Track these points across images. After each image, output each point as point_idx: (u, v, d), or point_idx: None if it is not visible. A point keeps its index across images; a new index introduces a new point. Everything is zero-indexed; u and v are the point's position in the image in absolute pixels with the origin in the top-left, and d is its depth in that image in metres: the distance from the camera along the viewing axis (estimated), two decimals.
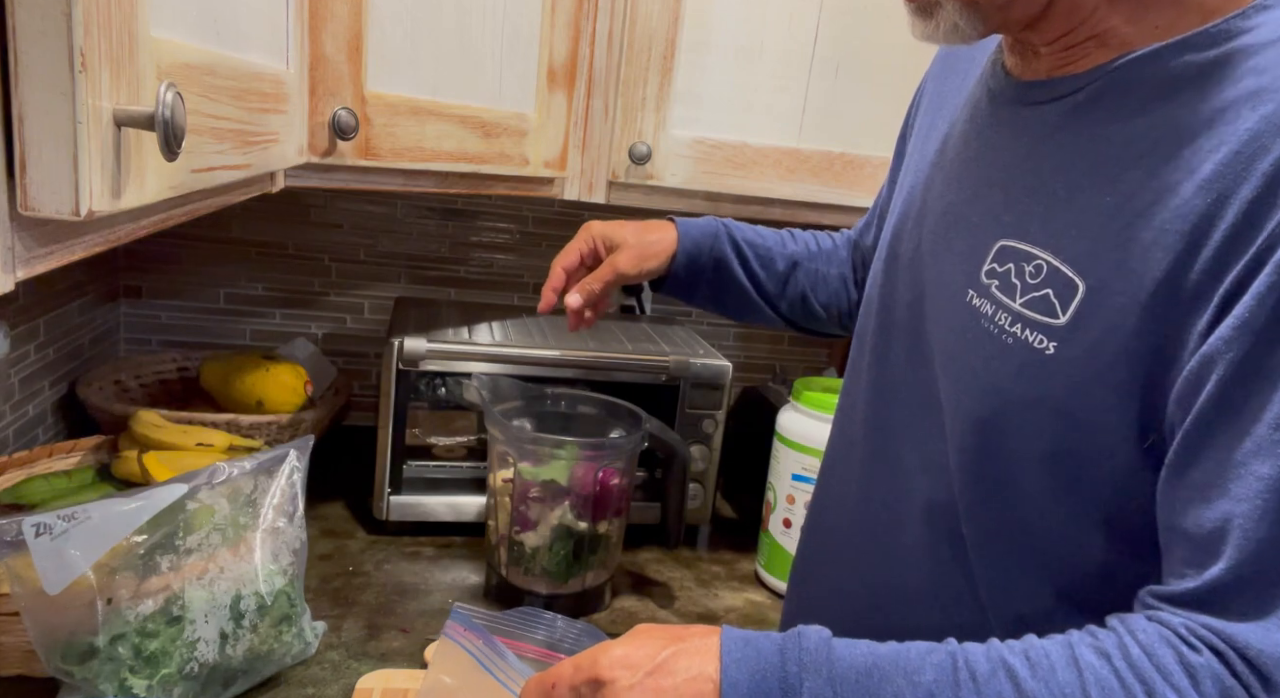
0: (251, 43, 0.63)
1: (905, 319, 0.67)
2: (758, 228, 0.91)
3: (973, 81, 0.68)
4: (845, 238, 0.94)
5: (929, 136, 0.72)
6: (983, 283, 0.58)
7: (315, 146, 0.81)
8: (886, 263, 0.72)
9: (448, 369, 1.11)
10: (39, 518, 0.66)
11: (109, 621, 0.69)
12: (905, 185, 0.73)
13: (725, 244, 0.88)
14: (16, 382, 1.10)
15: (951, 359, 0.60)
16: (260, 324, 1.44)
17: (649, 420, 1.01)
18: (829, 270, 0.91)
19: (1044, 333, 0.53)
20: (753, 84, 1.13)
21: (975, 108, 0.65)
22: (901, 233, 0.70)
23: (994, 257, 0.57)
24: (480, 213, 1.47)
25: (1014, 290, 0.55)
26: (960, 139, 0.65)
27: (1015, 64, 0.61)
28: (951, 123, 0.68)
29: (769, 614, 1.06)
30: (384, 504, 1.11)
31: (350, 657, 0.88)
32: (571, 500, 0.96)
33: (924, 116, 0.76)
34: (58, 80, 0.36)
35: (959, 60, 0.74)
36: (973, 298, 0.58)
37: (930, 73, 0.79)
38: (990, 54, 0.67)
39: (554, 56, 1.05)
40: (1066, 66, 0.57)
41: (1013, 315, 0.55)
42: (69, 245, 0.43)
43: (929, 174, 0.69)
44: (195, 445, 1.06)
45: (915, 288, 0.66)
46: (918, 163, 0.72)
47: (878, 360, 0.70)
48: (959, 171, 0.64)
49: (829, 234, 0.94)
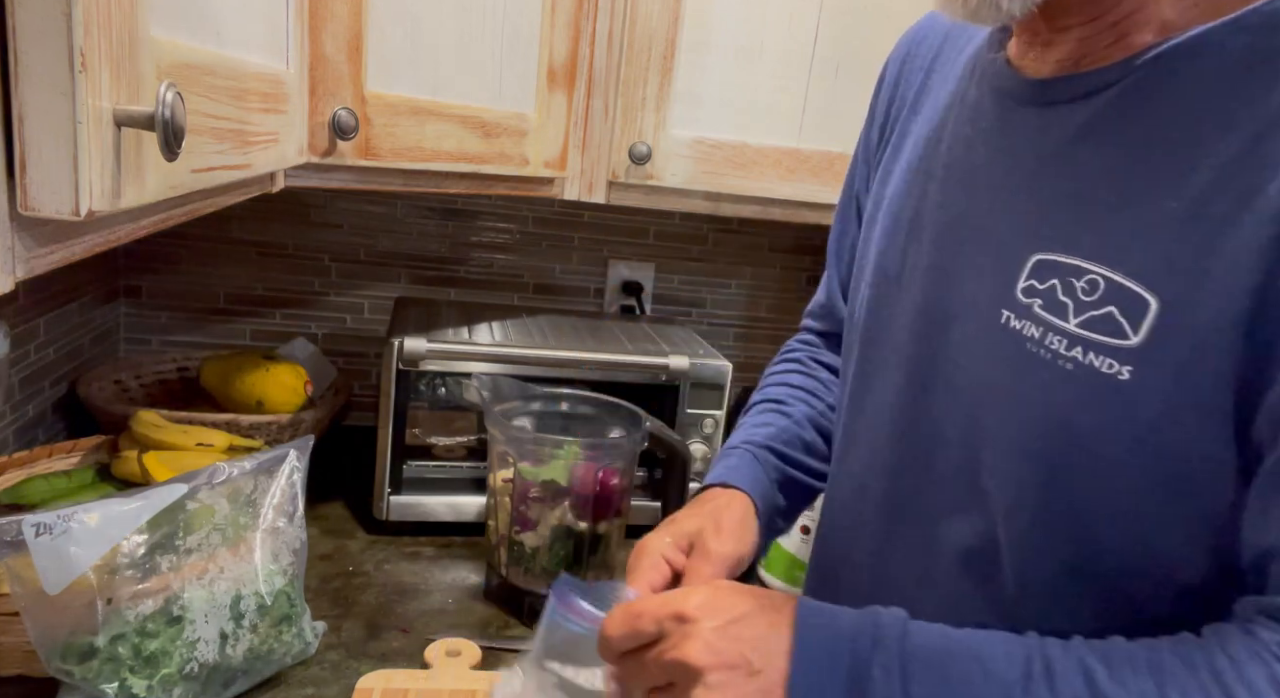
0: (251, 43, 0.63)
1: (909, 343, 0.62)
2: (780, 445, 0.77)
3: (956, 81, 0.64)
4: (812, 340, 0.86)
5: (901, 143, 0.68)
6: (1020, 302, 0.52)
7: (315, 147, 0.81)
8: (876, 282, 0.66)
9: (448, 369, 1.11)
10: (39, 518, 0.66)
11: (109, 621, 0.69)
12: (884, 196, 0.68)
13: (778, 493, 0.75)
14: (16, 382, 1.10)
15: (990, 389, 0.54)
16: (260, 324, 1.44)
17: (649, 420, 1.01)
18: None
19: (1113, 356, 0.48)
20: (753, 84, 1.13)
21: (975, 109, 0.60)
22: (890, 248, 0.65)
23: (1030, 272, 0.52)
24: (480, 213, 1.47)
25: (1064, 310, 0.50)
26: (960, 144, 0.60)
27: (1024, 58, 0.57)
28: (935, 126, 0.64)
29: None
30: (384, 504, 1.11)
31: (350, 657, 0.88)
32: (571, 500, 0.96)
33: (891, 124, 0.71)
34: (58, 80, 0.36)
35: (919, 58, 0.70)
36: (1009, 319, 0.53)
37: (888, 75, 0.74)
38: (974, 50, 0.63)
39: (554, 56, 1.05)
40: (1087, 59, 0.52)
41: (1069, 338, 0.49)
42: (69, 245, 0.43)
43: (915, 183, 0.64)
44: (195, 445, 1.06)
45: (920, 309, 0.61)
46: (899, 171, 0.67)
47: (880, 391, 0.65)
48: (963, 180, 0.59)
49: (805, 363, 0.85)
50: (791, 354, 0.87)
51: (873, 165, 0.73)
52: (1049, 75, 0.55)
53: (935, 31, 0.69)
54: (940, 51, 0.68)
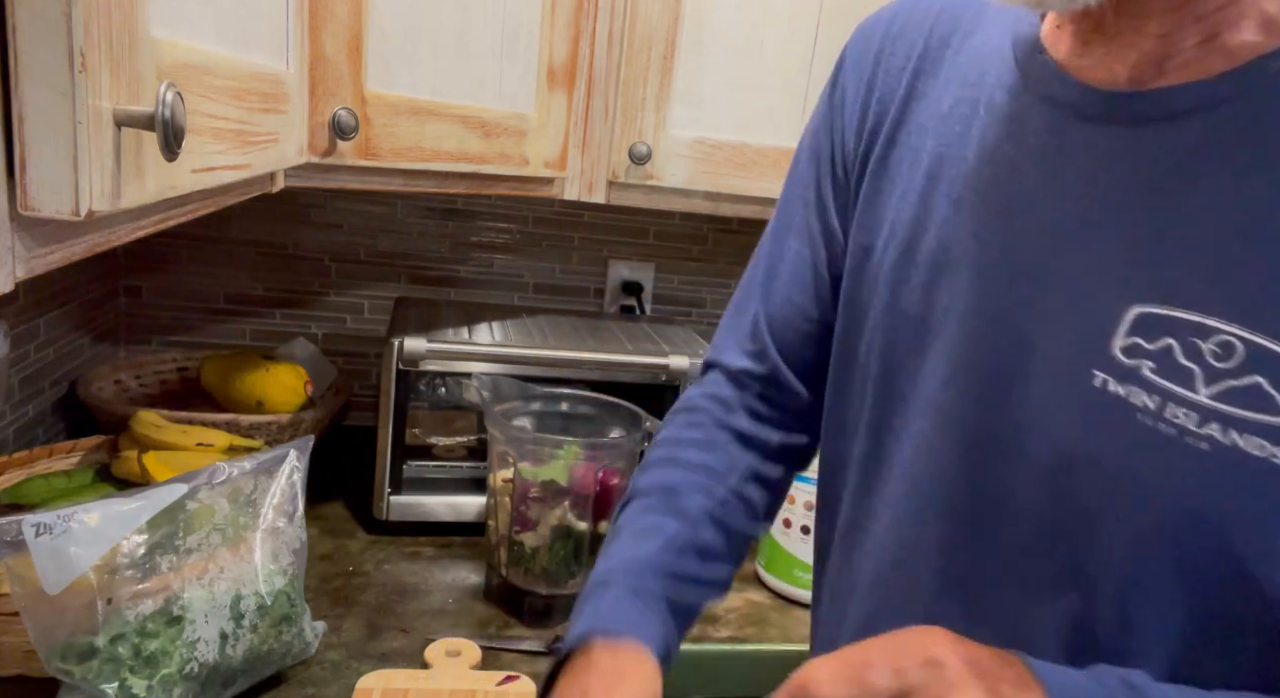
0: (251, 43, 0.63)
1: (952, 401, 0.52)
2: (672, 562, 0.61)
3: (965, 85, 0.54)
4: (721, 393, 0.69)
5: (891, 157, 0.58)
6: (1121, 363, 0.44)
7: (315, 146, 0.81)
8: (892, 325, 0.56)
9: (448, 369, 1.11)
10: (39, 518, 0.66)
11: (109, 621, 0.69)
12: (882, 220, 0.58)
13: (676, 636, 0.61)
14: (16, 382, 1.10)
15: (1089, 464, 0.46)
16: (260, 324, 1.44)
17: (649, 420, 1.01)
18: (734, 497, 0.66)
19: (1266, 436, 0.40)
20: (753, 84, 1.13)
21: (1014, 122, 0.50)
22: (906, 285, 0.55)
23: (1131, 328, 0.44)
24: (480, 213, 1.47)
25: (1189, 377, 0.42)
26: (997, 165, 0.51)
27: (1082, 59, 0.48)
28: (950, 140, 0.54)
29: (769, 614, 1.06)
30: (384, 504, 1.11)
31: (350, 657, 0.88)
32: (571, 500, 0.96)
33: (868, 135, 0.60)
34: (58, 80, 0.36)
35: (896, 57, 0.59)
36: (1107, 383, 0.45)
37: (850, 76, 0.63)
38: (989, 48, 0.54)
39: (554, 56, 1.05)
40: (1173, 62, 0.44)
41: (1200, 412, 0.41)
42: (69, 245, 0.43)
43: (934, 207, 0.54)
44: (195, 445, 1.06)
45: (963, 361, 0.52)
46: (899, 192, 0.57)
47: (914, 454, 0.54)
48: (1005, 206, 0.50)
49: (707, 430, 0.68)
50: (686, 417, 0.69)
51: (851, 177, 0.62)
52: (1126, 84, 0.46)
53: (912, 27, 0.60)
54: (926, 50, 0.58)
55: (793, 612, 1.07)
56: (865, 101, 0.61)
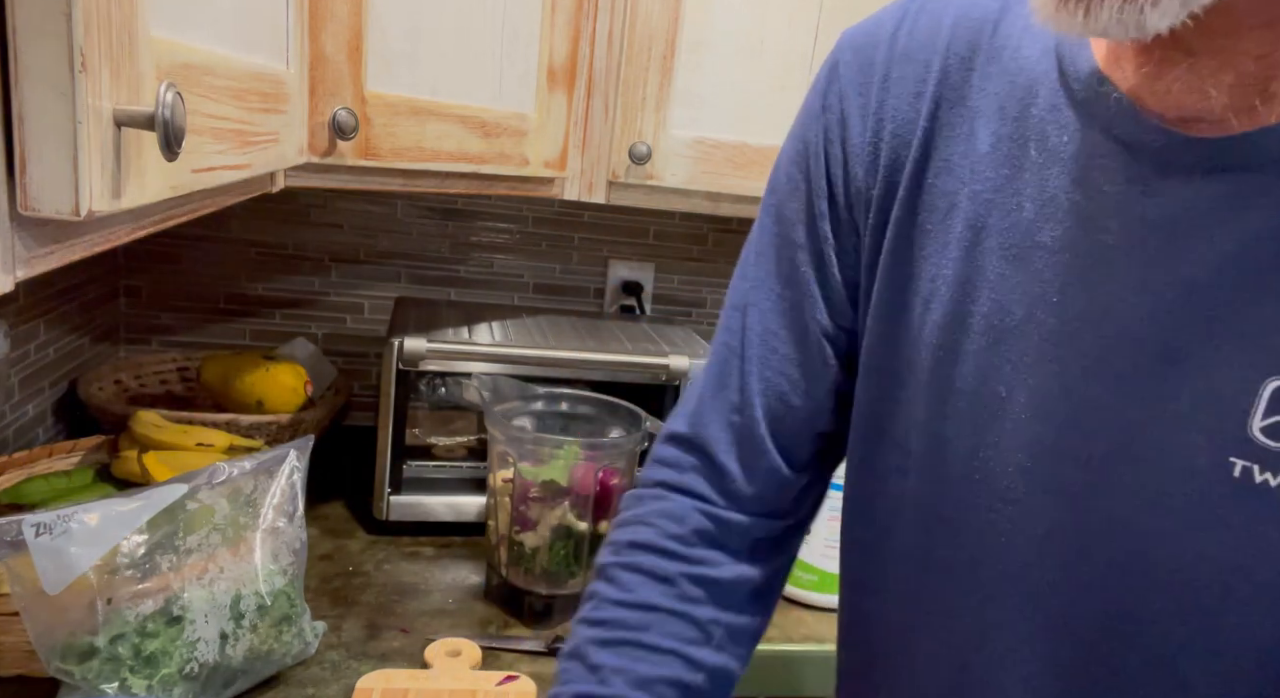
0: (251, 43, 0.63)
1: (1043, 500, 0.44)
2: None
3: (1005, 120, 0.46)
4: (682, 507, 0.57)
5: (920, 201, 0.49)
6: (1266, 448, 0.38)
7: (315, 146, 0.81)
8: (935, 395, 0.48)
9: (448, 369, 1.11)
10: (39, 518, 0.66)
11: (109, 621, 0.69)
12: (915, 275, 0.49)
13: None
14: (16, 382, 1.10)
15: (1230, 570, 0.39)
16: (260, 324, 1.44)
17: (649, 420, 1.01)
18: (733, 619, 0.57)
19: None
20: (753, 84, 1.13)
21: (1082, 167, 0.43)
22: (952, 351, 0.47)
23: (1271, 404, 0.38)
24: (480, 213, 1.47)
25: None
26: (1067, 217, 0.43)
27: (1151, 89, 0.41)
28: (996, 185, 0.46)
29: None
30: (384, 504, 1.11)
31: (350, 657, 0.88)
32: (571, 500, 0.96)
33: (883, 171, 0.51)
34: (58, 80, 0.36)
35: (906, 81, 0.50)
36: (1250, 472, 0.38)
37: (851, 104, 0.53)
38: (1029, 76, 0.46)
39: (554, 56, 1.05)
40: (1275, 95, 0.37)
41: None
42: (69, 245, 0.43)
43: (975, 266, 0.46)
44: (195, 445, 1.06)
45: (1051, 449, 0.44)
46: (936, 244, 0.48)
47: (992, 562, 0.47)
48: (1084, 268, 0.42)
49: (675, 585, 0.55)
50: (651, 561, 0.56)
51: (859, 218, 0.53)
52: (1221, 120, 0.39)
53: (920, 44, 0.51)
54: (945, 74, 0.49)
55: (793, 612, 1.07)
56: (877, 131, 0.51)
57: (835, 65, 0.55)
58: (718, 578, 0.56)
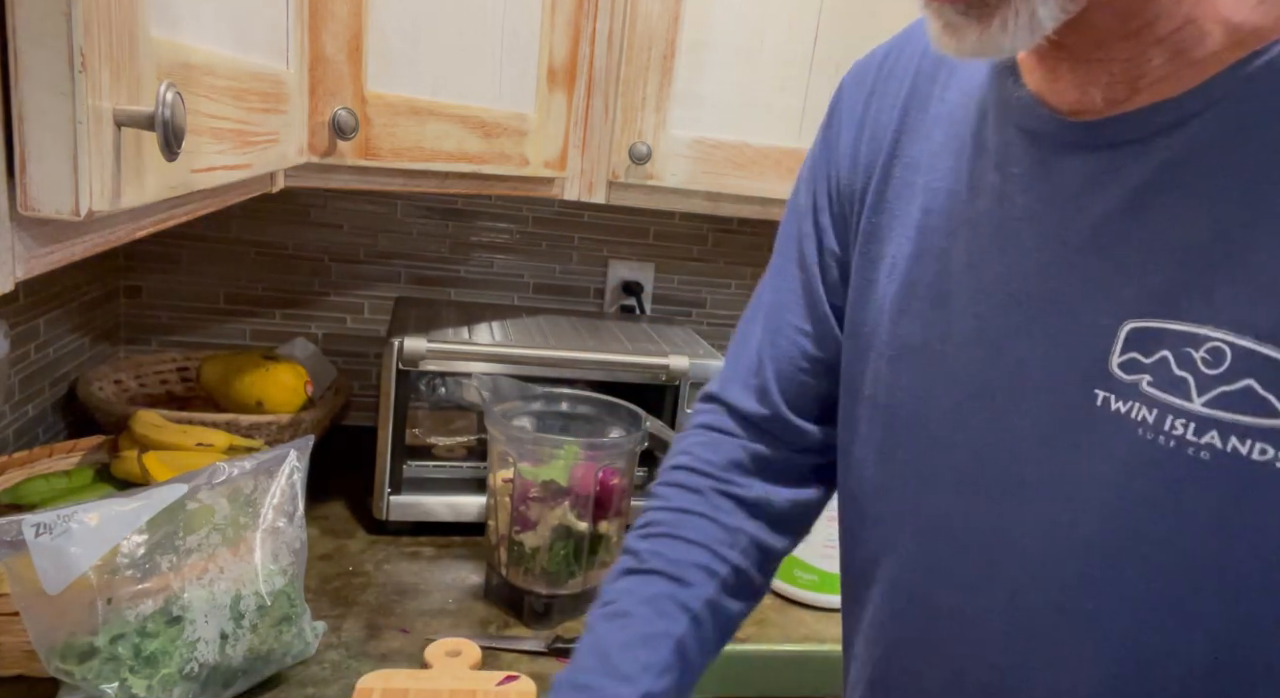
0: (251, 43, 0.63)
1: (958, 435, 0.52)
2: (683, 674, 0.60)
3: (953, 122, 0.55)
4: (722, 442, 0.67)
5: (887, 193, 0.59)
6: (1121, 380, 0.44)
7: (315, 146, 0.81)
8: (896, 357, 0.56)
9: (448, 369, 1.11)
10: (39, 518, 0.66)
11: (109, 621, 0.69)
12: (882, 255, 0.58)
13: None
14: (16, 382, 1.10)
15: (1094, 491, 0.45)
16: (260, 324, 1.44)
17: (649, 420, 1.01)
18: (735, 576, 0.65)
19: (1265, 440, 0.40)
20: (753, 84, 1.13)
21: (1000, 154, 0.51)
22: (908, 317, 0.56)
23: (1125, 344, 0.44)
24: (480, 213, 1.47)
25: (1184, 386, 0.42)
26: (986, 195, 0.51)
27: (1050, 88, 0.48)
28: (942, 175, 0.55)
29: (769, 614, 1.06)
30: (384, 504, 1.11)
31: (350, 657, 0.88)
32: (571, 500, 0.96)
33: (863, 171, 0.61)
34: (58, 80, 0.36)
35: (887, 95, 0.60)
36: (1108, 402, 0.44)
37: (846, 113, 0.64)
38: (972, 85, 0.54)
39: (554, 56, 1.05)
40: (1144, 82, 0.44)
41: (1197, 421, 0.41)
42: (69, 245, 0.43)
43: (930, 240, 0.55)
44: (195, 445, 1.06)
45: (961, 388, 0.52)
46: (899, 227, 0.58)
47: (927, 492, 0.54)
48: (997, 236, 0.50)
49: (708, 498, 0.66)
50: (688, 479, 0.67)
51: (847, 221, 0.63)
52: (1101, 110, 0.46)
53: (900, 65, 0.61)
54: (914, 88, 0.59)
55: (793, 612, 1.07)
56: (858, 136, 0.62)
57: (840, 87, 0.66)
58: (743, 496, 0.66)
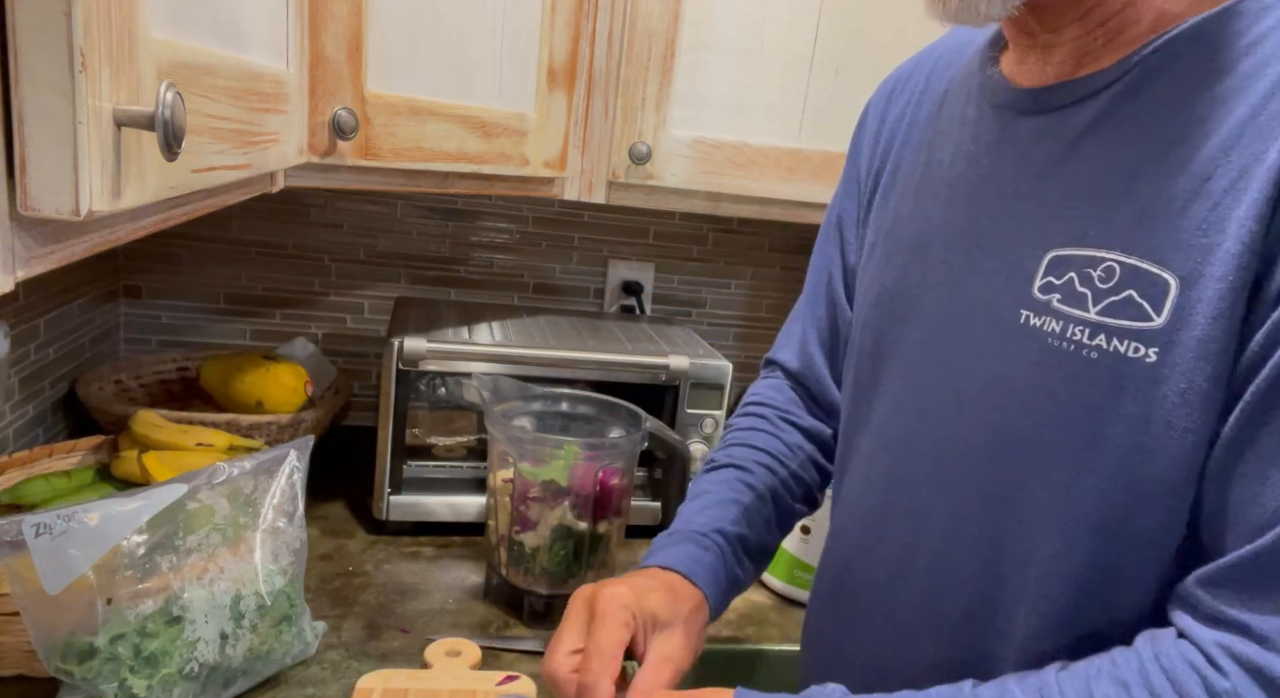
0: (251, 43, 0.63)
1: (918, 359, 0.61)
2: (747, 530, 0.73)
3: (949, 105, 0.64)
4: (778, 390, 0.82)
5: (895, 175, 0.69)
6: (1039, 300, 0.52)
7: (315, 146, 0.81)
8: (877, 302, 0.66)
9: (448, 369, 1.11)
10: (39, 518, 0.66)
11: (109, 621, 0.69)
12: (882, 225, 0.68)
13: (732, 588, 0.72)
14: (16, 382, 1.10)
15: (1010, 390, 0.53)
16: (260, 324, 1.44)
17: (649, 420, 1.01)
18: (801, 471, 0.78)
19: (1138, 339, 0.47)
20: (753, 84, 1.13)
21: (975, 126, 0.60)
22: (889, 268, 0.65)
23: (1046, 270, 0.52)
24: (480, 213, 1.47)
25: (1084, 300, 0.50)
26: (962, 161, 0.61)
27: (1020, 68, 0.58)
28: (934, 150, 0.64)
29: (769, 614, 1.06)
30: (384, 504, 1.11)
31: (350, 657, 0.88)
32: (571, 500, 0.96)
33: (880, 158, 0.72)
34: (58, 80, 0.36)
35: (904, 95, 0.71)
36: (1029, 319, 0.53)
37: (870, 119, 0.75)
38: (967, 73, 0.63)
39: (554, 56, 1.05)
40: (1087, 59, 0.53)
41: (1090, 326, 0.49)
42: (69, 245, 0.43)
43: (918, 206, 0.64)
44: (195, 445, 1.06)
45: (929, 323, 0.60)
46: (896, 199, 0.67)
47: (890, 410, 0.64)
48: (967, 193, 0.59)
49: (771, 422, 0.80)
50: (757, 409, 0.81)
51: (862, 208, 0.74)
52: (1049, 83, 0.55)
53: (917, 72, 0.71)
54: (927, 84, 0.68)
55: (793, 612, 1.07)
56: (878, 133, 0.73)
57: (868, 102, 0.77)
58: (799, 423, 0.79)
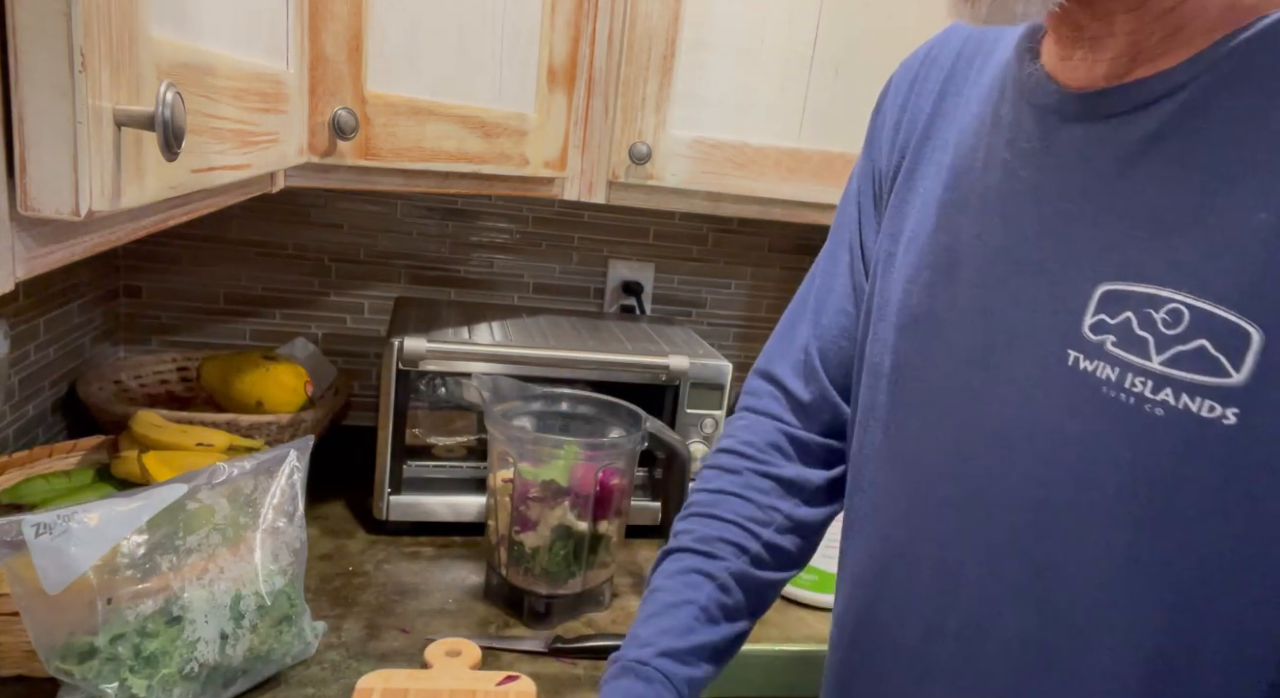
0: (252, 43, 0.63)
1: (947, 393, 0.55)
2: (703, 636, 0.65)
3: (981, 102, 0.57)
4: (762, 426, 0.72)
5: (915, 174, 0.62)
6: (1089, 340, 0.46)
7: (315, 146, 0.81)
8: (903, 326, 0.59)
9: (448, 369, 1.11)
10: (39, 518, 0.66)
11: (109, 621, 0.69)
12: (902, 231, 0.61)
13: (685, 682, 0.64)
14: (16, 382, 1.10)
15: (1064, 444, 0.47)
16: (260, 324, 1.44)
17: (649, 420, 1.01)
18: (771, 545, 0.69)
19: (1213, 397, 0.41)
20: (753, 84, 1.13)
21: (1012, 130, 0.53)
22: (915, 288, 0.58)
23: (1098, 306, 0.46)
24: (480, 213, 1.47)
25: (1144, 346, 0.43)
26: (997, 170, 0.53)
27: (1065, 65, 0.50)
28: (963, 153, 0.57)
29: (769, 614, 1.05)
30: (384, 504, 1.11)
31: (350, 657, 0.88)
32: (571, 500, 0.96)
33: (900, 152, 0.65)
34: (58, 80, 0.36)
35: (927, 81, 0.64)
36: (1078, 361, 0.46)
37: (888, 104, 0.68)
38: (1001, 65, 0.56)
39: (554, 56, 1.05)
40: (1142, 58, 0.46)
41: (1154, 378, 0.43)
42: (69, 245, 0.43)
43: (944, 215, 0.57)
44: (195, 445, 1.06)
45: (959, 353, 0.54)
46: (919, 204, 0.60)
47: (923, 451, 0.57)
48: (1003, 209, 0.53)
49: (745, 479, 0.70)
50: (729, 460, 0.71)
51: (880, 202, 0.67)
52: (1101, 85, 0.48)
53: (944, 52, 0.64)
54: (953, 72, 0.61)
55: (793, 612, 1.07)
56: (898, 122, 0.65)
57: (890, 78, 0.69)
58: (780, 475, 0.70)
